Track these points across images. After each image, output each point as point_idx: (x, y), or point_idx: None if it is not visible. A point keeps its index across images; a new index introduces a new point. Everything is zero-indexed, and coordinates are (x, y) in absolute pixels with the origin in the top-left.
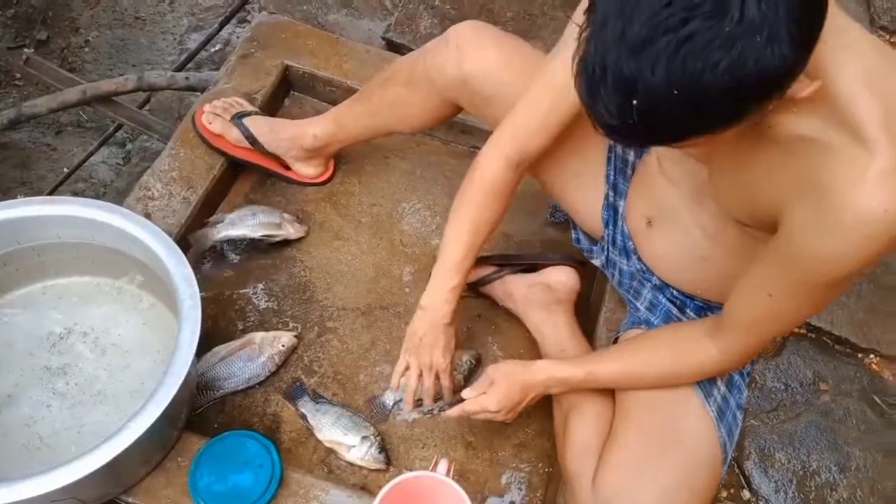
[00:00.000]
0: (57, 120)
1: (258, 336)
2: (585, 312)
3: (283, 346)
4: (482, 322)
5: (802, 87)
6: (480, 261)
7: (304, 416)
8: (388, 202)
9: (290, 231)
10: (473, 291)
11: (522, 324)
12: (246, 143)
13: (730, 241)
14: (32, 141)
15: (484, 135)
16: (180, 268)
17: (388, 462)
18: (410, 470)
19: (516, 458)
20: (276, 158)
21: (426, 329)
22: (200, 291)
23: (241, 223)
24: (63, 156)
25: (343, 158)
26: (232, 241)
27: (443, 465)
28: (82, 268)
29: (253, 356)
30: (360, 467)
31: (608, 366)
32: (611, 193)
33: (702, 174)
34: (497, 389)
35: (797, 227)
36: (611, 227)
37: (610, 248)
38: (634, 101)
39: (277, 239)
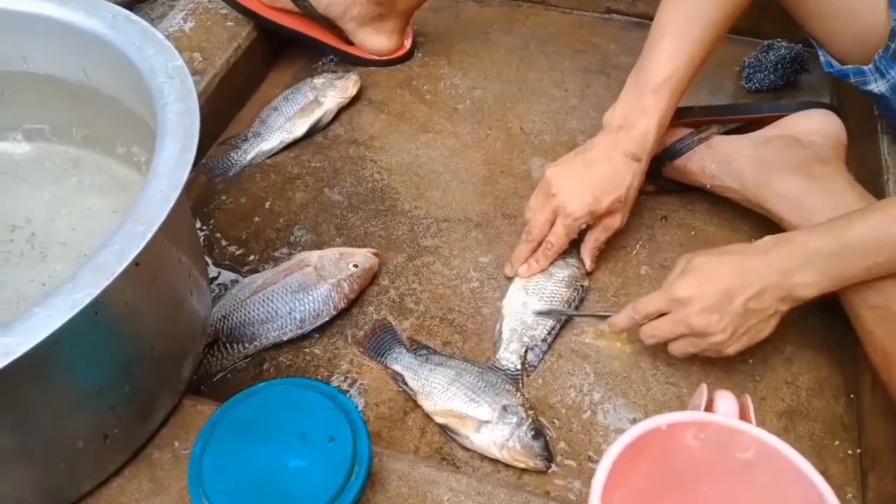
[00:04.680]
0: None
1: (314, 256)
2: None
3: (357, 266)
4: (671, 227)
5: None
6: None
7: (398, 377)
8: (494, 84)
9: (335, 97)
10: (655, 179)
11: (742, 226)
12: (287, 2)
13: None
14: None
15: None
16: (164, 58)
17: (550, 455)
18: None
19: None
20: (331, 26)
21: (604, 154)
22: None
23: (271, 128)
24: None
25: (421, 36)
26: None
27: (726, 400)
28: (11, 116)
29: (308, 285)
30: (500, 463)
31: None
32: None
33: None
34: (690, 275)
35: None
36: None
37: None
38: None
39: (326, 121)
